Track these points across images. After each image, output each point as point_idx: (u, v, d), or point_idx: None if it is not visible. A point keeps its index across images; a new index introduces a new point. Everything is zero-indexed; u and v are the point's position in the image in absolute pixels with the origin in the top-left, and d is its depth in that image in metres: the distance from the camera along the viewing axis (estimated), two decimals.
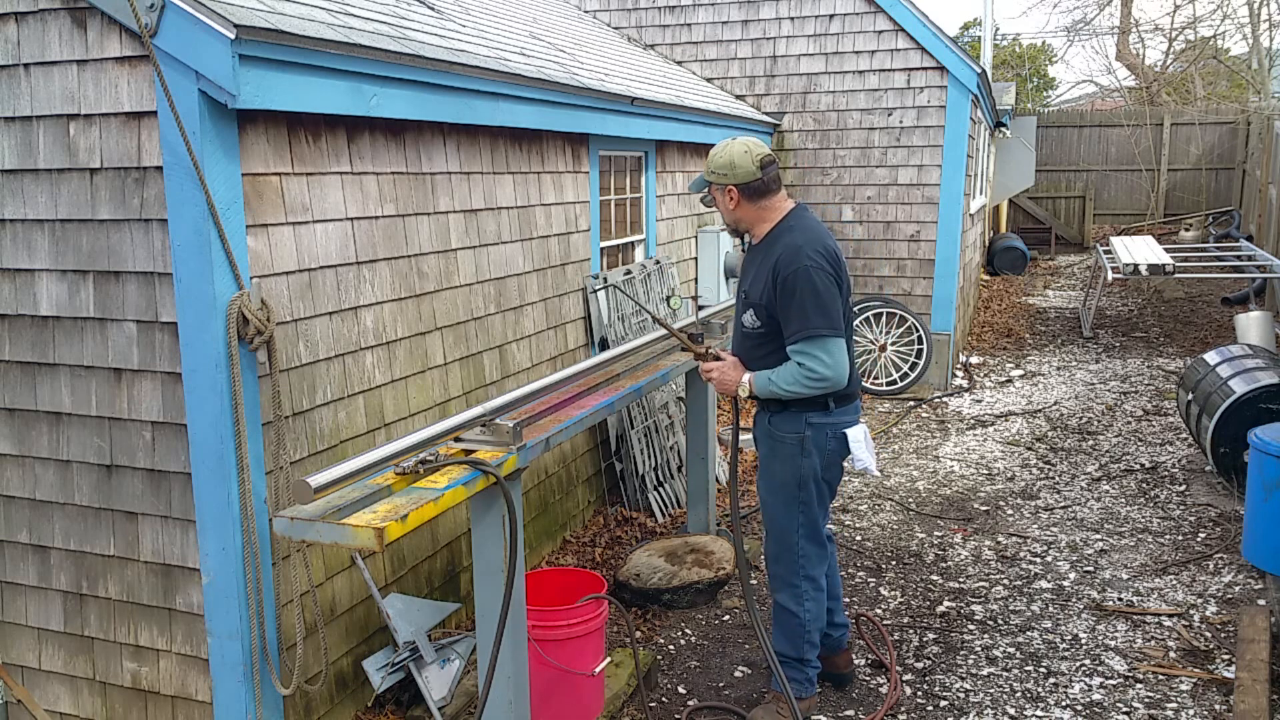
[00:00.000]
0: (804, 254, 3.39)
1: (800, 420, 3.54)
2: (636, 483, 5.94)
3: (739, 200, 3.56)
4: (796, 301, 3.38)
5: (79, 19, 3.08)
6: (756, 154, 3.51)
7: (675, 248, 7.32)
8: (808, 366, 3.40)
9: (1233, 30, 39.30)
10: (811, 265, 3.38)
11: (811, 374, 3.40)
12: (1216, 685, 4.03)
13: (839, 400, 3.56)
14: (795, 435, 3.56)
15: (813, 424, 3.54)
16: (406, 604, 3.86)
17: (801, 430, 3.54)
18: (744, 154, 3.51)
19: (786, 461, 3.60)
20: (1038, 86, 29.31)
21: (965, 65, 8.46)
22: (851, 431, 3.58)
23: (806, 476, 3.59)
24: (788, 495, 3.64)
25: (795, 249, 3.42)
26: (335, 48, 3.23)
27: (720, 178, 3.54)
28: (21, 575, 3.61)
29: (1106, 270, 10.67)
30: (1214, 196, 19.51)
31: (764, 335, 3.55)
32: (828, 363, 3.39)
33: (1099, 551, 5.40)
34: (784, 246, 3.46)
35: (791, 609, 3.73)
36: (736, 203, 3.56)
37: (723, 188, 3.56)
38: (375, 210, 3.84)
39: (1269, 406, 5.68)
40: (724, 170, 3.53)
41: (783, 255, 3.43)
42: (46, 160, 3.23)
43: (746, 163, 3.50)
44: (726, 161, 3.52)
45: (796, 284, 3.37)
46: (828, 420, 3.55)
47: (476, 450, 3.09)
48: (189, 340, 3.11)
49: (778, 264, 3.43)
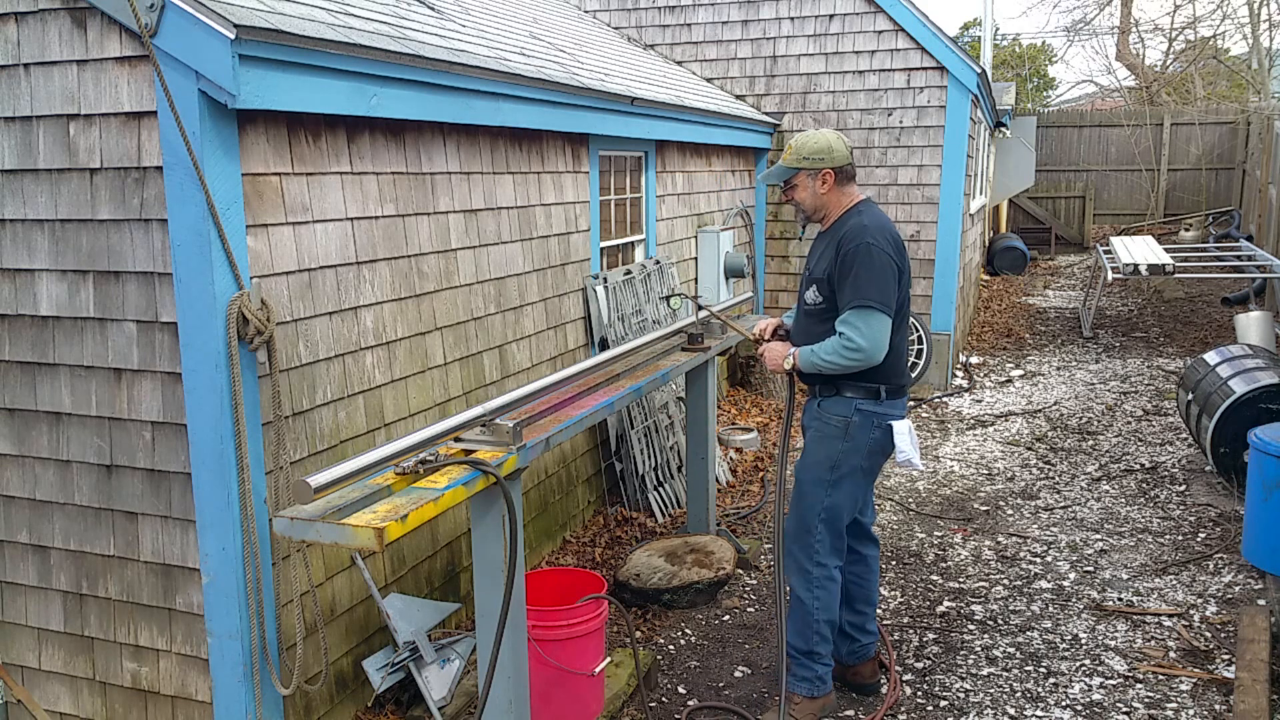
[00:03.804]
0: (869, 232, 3.52)
1: (849, 405, 3.62)
2: (636, 483, 5.94)
3: (833, 184, 3.66)
4: (853, 274, 3.49)
5: (79, 19, 3.08)
6: (846, 141, 3.69)
7: (675, 248, 7.32)
8: (846, 335, 3.47)
9: (1233, 30, 39.31)
10: (874, 243, 3.49)
11: (849, 344, 3.46)
12: (1216, 685, 4.03)
13: (891, 392, 3.62)
14: (841, 419, 3.63)
15: (861, 410, 3.61)
16: (406, 604, 3.86)
17: (849, 415, 3.62)
18: (838, 139, 3.66)
19: (827, 442, 3.68)
20: (1038, 86, 29.30)
21: (965, 65, 8.46)
22: (897, 424, 3.63)
23: (841, 460, 3.65)
24: (818, 474, 3.69)
25: (861, 228, 3.55)
26: (335, 48, 3.23)
27: (817, 161, 3.64)
28: (21, 575, 3.61)
29: (1106, 270, 10.67)
30: (1214, 196, 19.51)
31: (824, 311, 3.64)
32: (865, 333, 3.44)
33: (1099, 551, 5.40)
34: (851, 226, 3.58)
35: (801, 595, 3.75)
36: (830, 186, 3.65)
37: (816, 172, 3.65)
38: (375, 210, 3.84)
39: (1269, 406, 5.68)
40: (821, 154, 3.63)
41: (848, 232, 3.56)
42: (46, 160, 3.23)
43: (841, 147, 3.66)
44: (824, 146, 3.64)
45: (857, 257, 3.48)
46: (876, 409, 3.61)
47: (476, 450, 3.09)
48: (189, 340, 3.11)
49: (843, 240, 3.55)
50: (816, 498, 3.70)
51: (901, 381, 3.66)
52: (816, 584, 3.72)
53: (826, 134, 3.68)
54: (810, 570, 3.73)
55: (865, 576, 3.99)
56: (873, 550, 4.01)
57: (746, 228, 8.98)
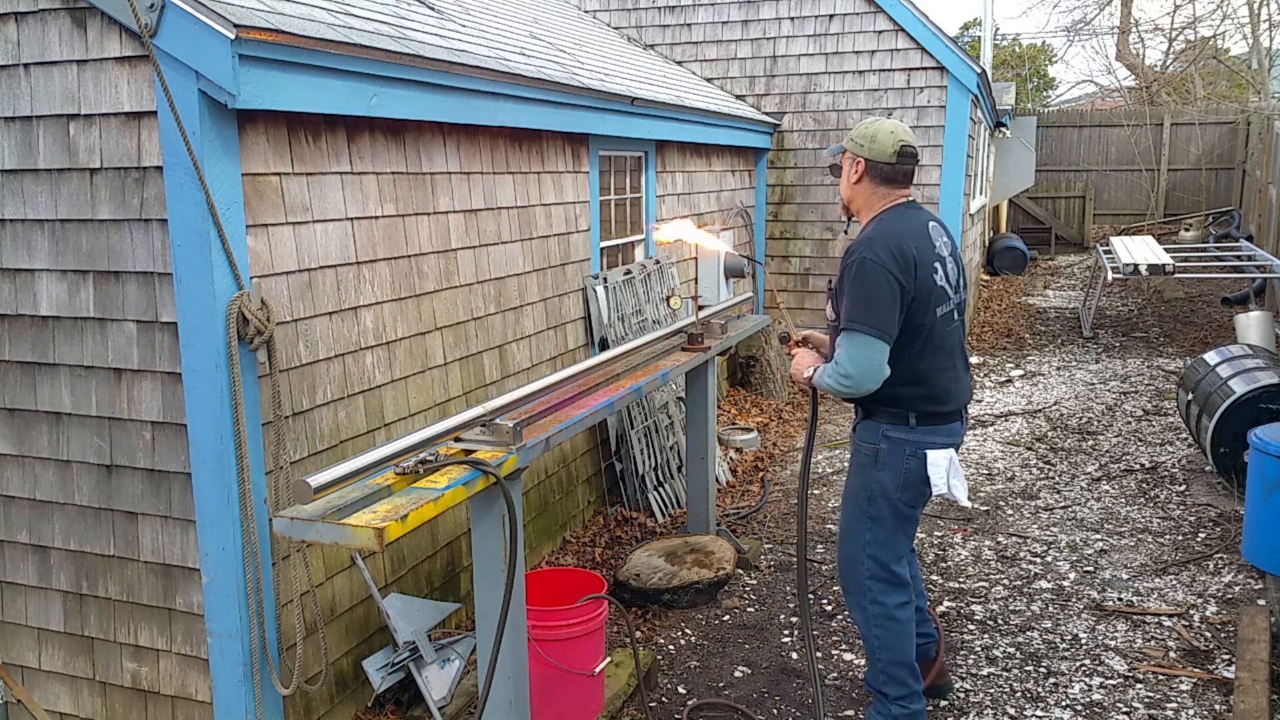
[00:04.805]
0: (870, 246, 3.22)
1: (877, 432, 3.38)
2: (636, 483, 5.94)
3: (862, 175, 3.38)
4: (847, 293, 3.25)
5: (79, 19, 3.08)
6: (900, 139, 3.34)
7: (675, 248, 7.32)
8: (837, 360, 3.26)
9: (1233, 30, 39.30)
10: (870, 259, 3.19)
11: (838, 369, 3.25)
12: (1216, 685, 4.03)
13: (922, 418, 3.33)
14: (870, 447, 3.40)
15: (889, 438, 3.35)
16: (406, 604, 3.86)
17: (877, 443, 3.38)
18: (889, 134, 3.34)
19: (860, 472, 3.47)
20: (1038, 86, 29.31)
21: (965, 65, 8.46)
22: (934, 454, 3.33)
23: (877, 491, 3.41)
24: (857, 507, 3.48)
25: (866, 240, 3.26)
26: (335, 48, 3.23)
27: (856, 147, 3.38)
28: (21, 575, 3.61)
29: (1106, 270, 10.67)
30: (1214, 196, 19.51)
31: (837, 327, 3.39)
32: (853, 359, 3.20)
33: (1099, 551, 5.40)
34: (860, 237, 3.32)
35: (862, 632, 3.57)
36: (859, 177, 3.39)
37: (853, 158, 3.40)
38: (375, 210, 3.84)
39: (1269, 406, 5.68)
40: (862, 141, 3.37)
41: (852, 245, 3.30)
42: (46, 160, 3.23)
43: (887, 142, 3.34)
44: (869, 134, 3.37)
45: (849, 274, 3.24)
46: (906, 437, 3.33)
47: (476, 450, 3.09)
48: (189, 340, 3.11)
49: (846, 253, 3.30)
50: (858, 531, 3.48)
51: (936, 409, 3.33)
52: (875, 622, 3.49)
53: (881, 124, 3.37)
54: (865, 607, 3.51)
55: None
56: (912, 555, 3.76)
57: (746, 228, 8.98)
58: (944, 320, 3.34)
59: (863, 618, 3.54)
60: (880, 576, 3.47)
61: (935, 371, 3.33)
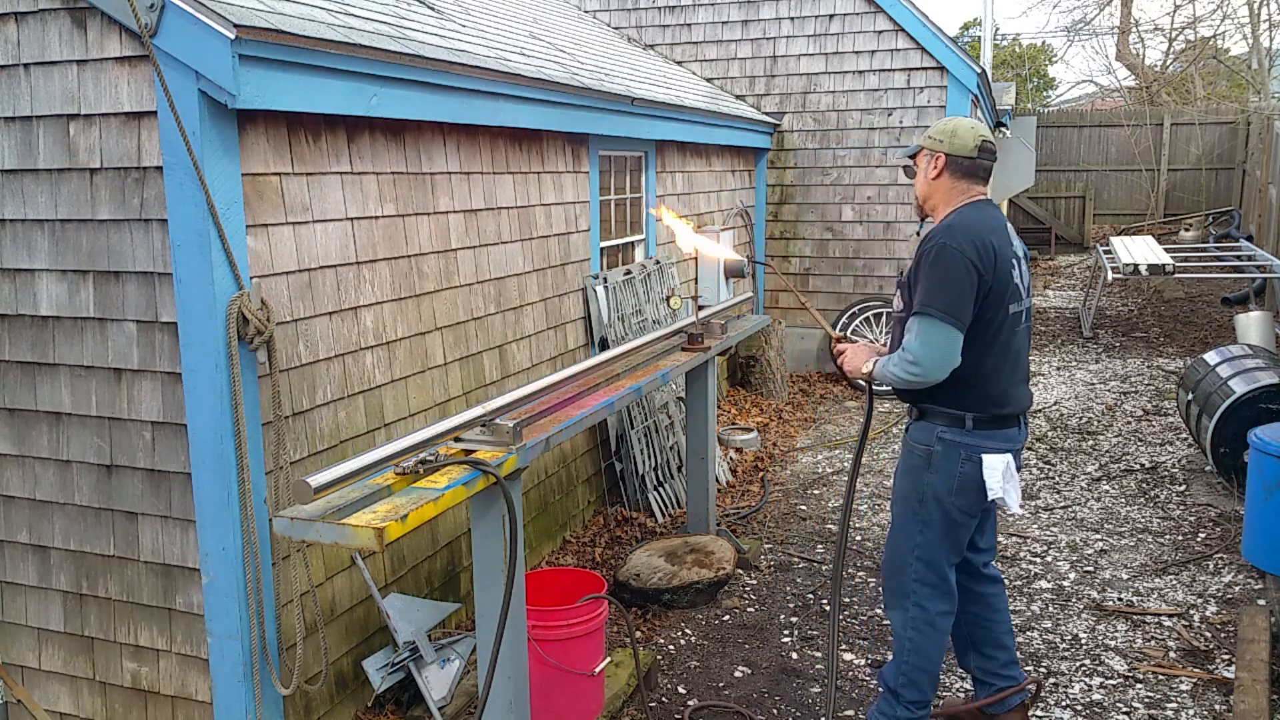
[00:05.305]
0: (950, 233, 3.15)
1: (931, 433, 3.28)
2: (636, 483, 5.94)
3: (942, 170, 3.30)
4: (923, 277, 3.14)
5: (79, 19, 3.08)
6: (980, 134, 3.30)
7: (675, 248, 7.32)
8: (906, 346, 3.16)
9: (1233, 30, 39.30)
10: (950, 244, 3.11)
11: (906, 355, 3.14)
12: (1216, 685, 4.03)
13: (980, 422, 3.23)
14: (924, 448, 3.31)
15: (943, 439, 3.25)
16: (406, 604, 3.86)
17: (931, 444, 3.28)
18: (969, 129, 3.30)
19: (912, 473, 3.37)
20: (1038, 86, 29.30)
21: (965, 65, 8.46)
22: (989, 458, 3.22)
23: (928, 494, 3.31)
24: (908, 509, 3.39)
25: (945, 228, 3.19)
26: (335, 48, 3.23)
27: (936, 143, 3.31)
28: (21, 575, 3.61)
29: (1106, 270, 10.67)
30: (1214, 196, 19.51)
31: (904, 319, 3.30)
32: (924, 345, 3.09)
33: (1099, 551, 5.40)
34: (939, 226, 3.24)
35: (896, 629, 3.47)
36: (939, 172, 3.31)
37: (932, 154, 3.32)
38: (375, 210, 3.84)
39: (1269, 406, 5.68)
40: (943, 136, 3.30)
41: (931, 232, 3.21)
42: (46, 160, 3.23)
43: (969, 137, 3.28)
44: (949, 129, 3.31)
45: (928, 259, 3.14)
46: (961, 439, 3.23)
47: (476, 450, 3.09)
48: (189, 340, 3.11)
49: (924, 240, 3.20)
50: (908, 534, 3.38)
51: (995, 411, 3.23)
52: (912, 625, 3.39)
53: (960, 120, 3.33)
54: (907, 609, 3.41)
55: (987, 617, 3.60)
56: (991, 588, 3.61)
57: (746, 228, 8.98)
58: (1014, 320, 3.26)
59: (901, 619, 3.44)
60: (928, 580, 3.38)
61: (998, 371, 3.25)
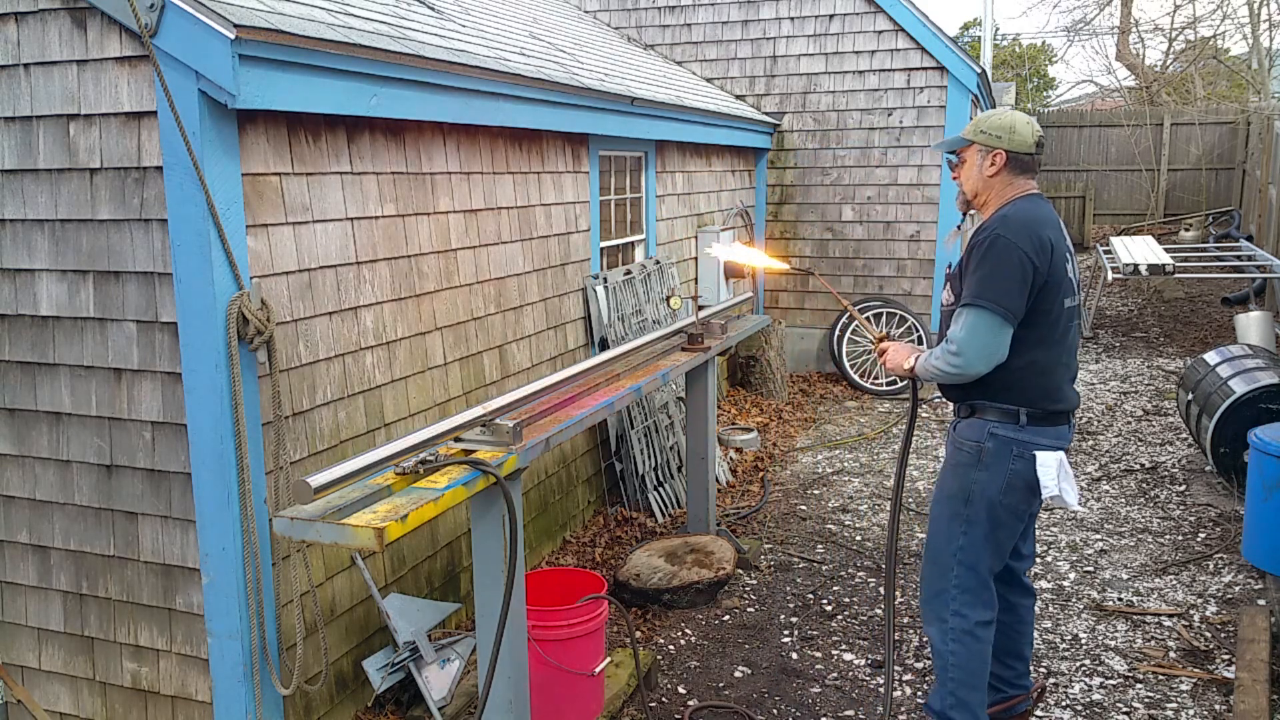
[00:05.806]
0: (1004, 224, 3.09)
1: (983, 430, 3.21)
2: (636, 483, 5.94)
3: (1001, 168, 3.22)
4: (975, 268, 3.07)
5: (79, 19, 3.08)
6: (1036, 129, 3.25)
7: (675, 248, 7.32)
8: (950, 337, 3.09)
9: (1233, 30, 39.29)
10: (1005, 235, 3.05)
11: (947, 347, 3.09)
12: (1216, 685, 4.03)
13: (1034, 418, 3.17)
14: (974, 445, 3.23)
15: (995, 435, 3.18)
16: (406, 604, 3.86)
17: (982, 440, 3.21)
18: (1026, 123, 3.23)
19: (959, 471, 3.29)
20: (1038, 86, 29.31)
21: (965, 65, 8.46)
22: (1043, 455, 3.17)
23: (976, 493, 3.23)
24: (952, 509, 3.30)
25: (1000, 219, 3.13)
26: (335, 48, 3.23)
27: (993, 139, 3.22)
28: (21, 575, 3.61)
29: (1106, 270, 10.67)
30: (1214, 196, 19.50)
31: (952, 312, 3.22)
32: (970, 336, 3.03)
33: (1099, 551, 5.40)
34: (992, 217, 3.17)
35: (937, 647, 3.36)
36: (998, 170, 3.23)
37: (988, 150, 3.23)
38: (375, 210, 3.84)
39: (1269, 406, 5.68)
40: (1001, 132, 3.21)
41: (985, 224, 3.16)
42: (46, 160, 3.23)
43: (1027, 133, 3.21)
44: (1007, 124, 3.22)
45: (980, 250, 3.08)
46: (1014, 436, 3.17)
47: (476, 450, 3.09)
48: (189, 340, 3.11)
49: (977, 231, 3.15)
50: (950, 535, 3.29)
51: (1049, 407, 3.17)
52: (952, 635, 3.28)
53: (1016, 115, 3.24)
54: (946, 619, 3.30)
55: (1017, 630, 3.56)
56: (1025, 599, 3.57)
57: (747, 228, 8.98)
58: (1068, 314, 3.20)
59: (939, 632, 3.33)
60: (968, 586, 3.28)
61: (1055, 365, 3.18)
